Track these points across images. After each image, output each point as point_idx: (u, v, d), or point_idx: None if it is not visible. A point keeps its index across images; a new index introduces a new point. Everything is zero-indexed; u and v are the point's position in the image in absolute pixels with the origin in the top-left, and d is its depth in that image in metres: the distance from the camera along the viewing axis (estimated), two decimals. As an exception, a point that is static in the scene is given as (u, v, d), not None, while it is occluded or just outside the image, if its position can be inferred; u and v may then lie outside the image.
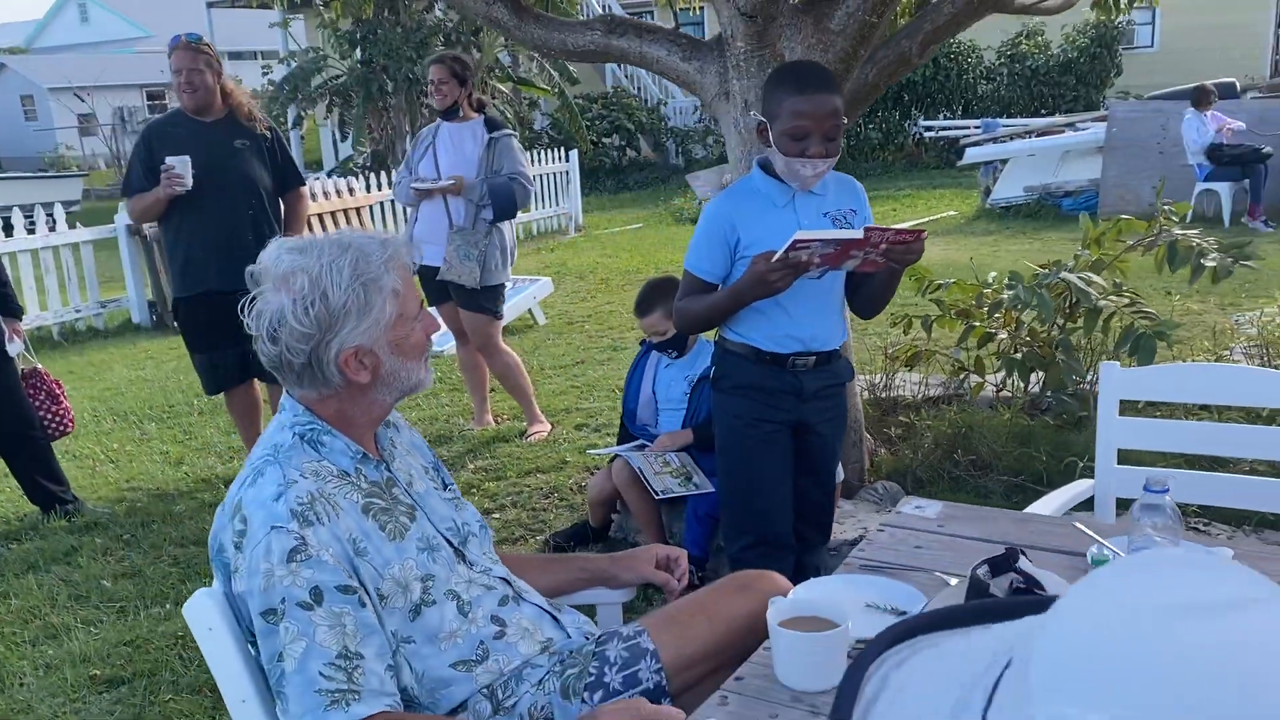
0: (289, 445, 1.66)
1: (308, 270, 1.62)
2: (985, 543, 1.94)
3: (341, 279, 1.62)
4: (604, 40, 4.09)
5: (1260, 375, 2.47)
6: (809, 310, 2.57)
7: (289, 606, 1.52)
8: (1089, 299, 3.63)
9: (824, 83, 2.45)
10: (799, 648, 1.50)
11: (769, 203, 2.55)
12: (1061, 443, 3.87)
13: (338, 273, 1.62)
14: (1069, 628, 0.58)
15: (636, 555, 2.04)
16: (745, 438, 2.64)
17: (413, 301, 1.70)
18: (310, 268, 1.62)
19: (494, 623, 1.75)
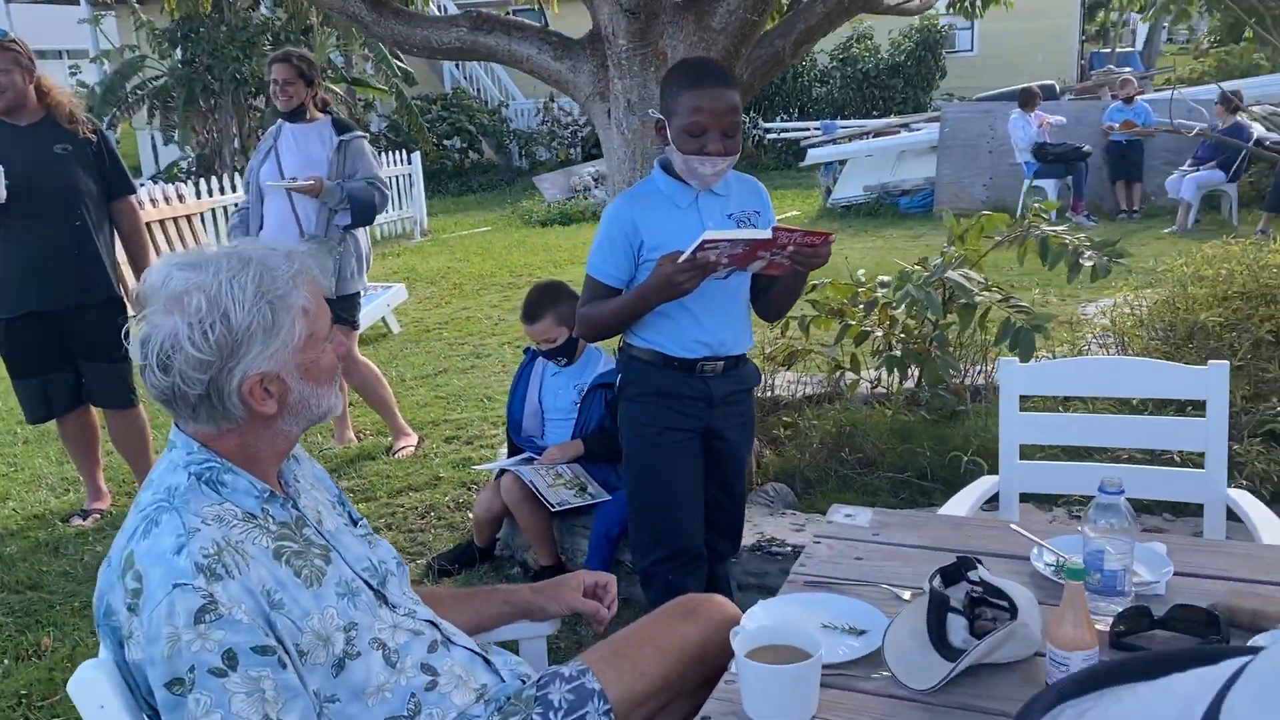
0: (185, 488, 1.46)
1: (204, 288, 1.42)
2: (926, 550, 1.90)
3: (245, 297, 1.42)
4: (470, 37, 3.92)
5: (1153, 366, 2.54)
6: (716, 314, 2.50)
7: (199, 674, 1.33)
8: (969, 295, 3.70)
9: (721, 78, 2.38)
10: (771, 681, 1.40)
11: (671, 204, 2.46)
12: (940, 437, 3.93)
13: (240, 290, 1.42)
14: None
15: (562, 583, 1.91)
16: (655, 447, 2.54)
17: (323, 320, 1.52)
18: (208, 286, 1.42)
19: (425, 672, 1.59)
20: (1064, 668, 1.40)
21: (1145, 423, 2.58)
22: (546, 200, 13.47)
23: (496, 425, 5.13)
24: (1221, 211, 10.13)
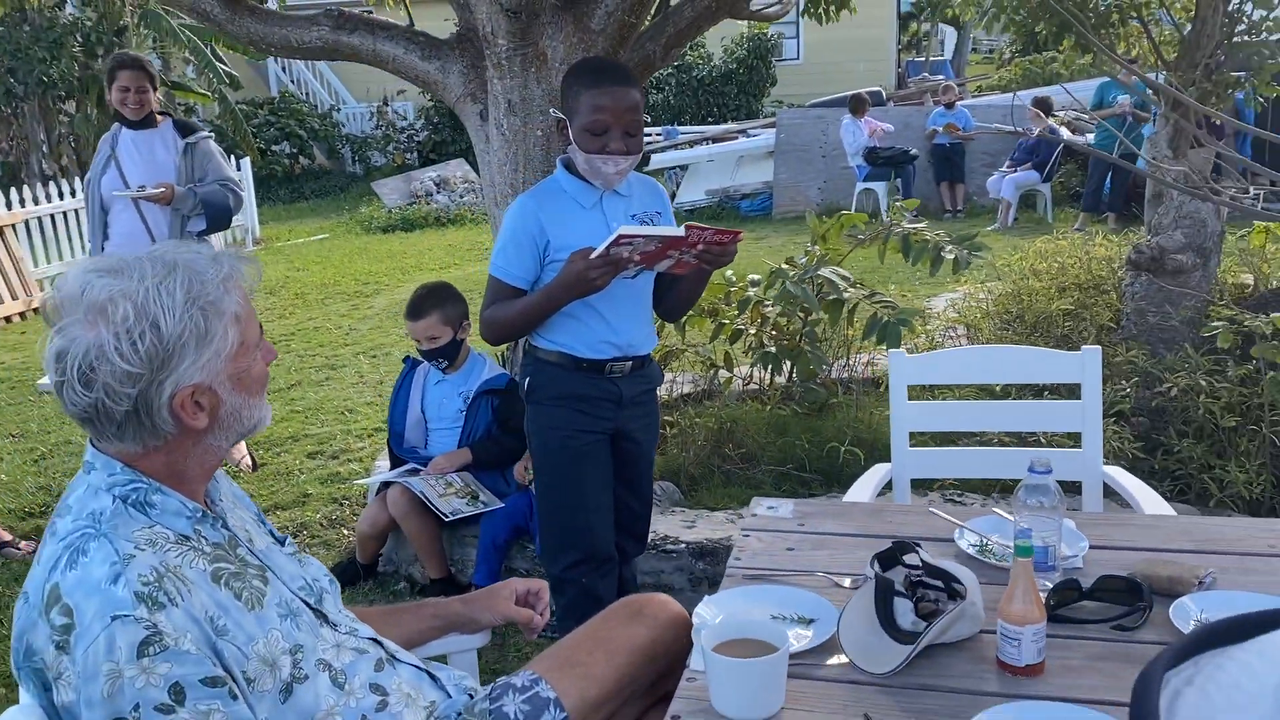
0: (111, 512, 1.34)
1: (130, 296, 1.31)
2: (853, 537, 1.95)
3: (175, 304, 1.32)
4: (332, 36, 3.79)
5: (1032, 353, 2.69)
6: (624, 314, 2.49)
7: (144, 712, 1.23)
8: (838, 291, 3.82)
9: (622, 77, 2.38)
10: (742, 675, 1.40)
11: (576, 204, 2.44)
12: (814, 429, 4.04)
13: (169, 296, 1.32)
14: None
15: (494, 593, 1.86)
16: (566, 450, 2.51)
17: (254, 327, 1.43)
18: (133, 293, 1.31)
19: (374, 692, 1.52)
20: (1015, 643, 1.46)
21: (1027, 406, 2.73)
22: (387, 206, 13.14)
23: (362, 438, 4.97)
24: (1037, 210, 10.82)
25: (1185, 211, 4.44)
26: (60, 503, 1.41)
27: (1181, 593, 1.62)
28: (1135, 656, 1.50)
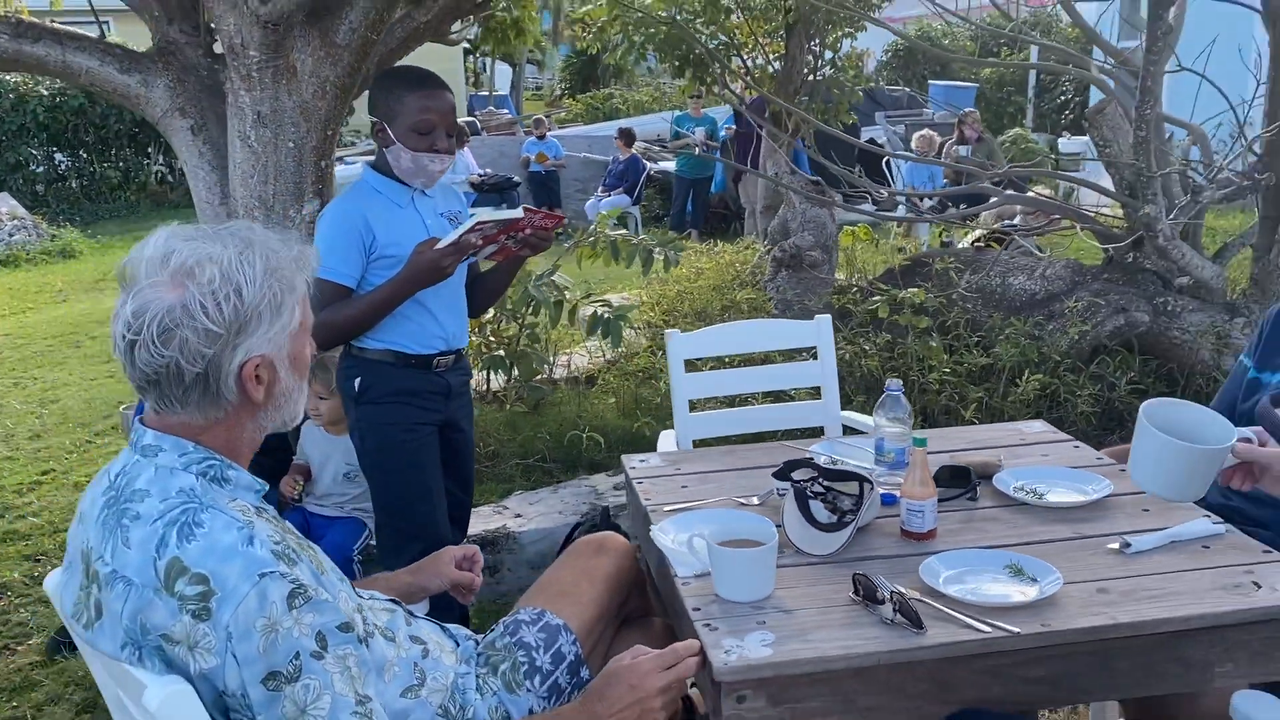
0: (199, 487, 1.35)
1: (217, 261, 1.34)
2: (730, 471, 2.30)
3: (255, 274, 1.37)
4: (12, 45, 3.50)
5: (779, 325, 3.22)
6: (447, 309, 2.64)
7: (304, 660, 1.28)
8: (561, 293, 4.16)
9: (441, 82, 2.56)
10: (746, 564, 1.71)
11: (391, 203, 2.57)
12: (540, 422, 4.35)
13: (250, 267, 1.37)
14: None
15: (438, 559, 1.97)
16: (405, 444, 2.60)
17: (310, 312, 1.49)
18: (220, 258, 1.35)
19: (415, 642, 1.62)
20: (919, 514, 1.90)
21: (780, 369, 3.24)
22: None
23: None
24: (628, 229, 11.90)
25: (809, 216, 5.32)
26: (114, 490, 1.38)
27: (992, 473, 2.16)
28: (985, 517, 2.01)
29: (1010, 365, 4.25)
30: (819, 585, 1.76)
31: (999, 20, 7.76)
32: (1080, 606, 1.64)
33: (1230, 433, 1.68)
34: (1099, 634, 1.58)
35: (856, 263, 5.73)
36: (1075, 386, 4.15)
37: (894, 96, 13.49)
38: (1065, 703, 1.70)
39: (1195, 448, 1.64)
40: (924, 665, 1.57)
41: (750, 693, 1.53)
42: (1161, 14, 3.83)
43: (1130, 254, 4.65)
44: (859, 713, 1.58)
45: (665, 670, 1.52)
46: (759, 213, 6.93)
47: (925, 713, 1.61)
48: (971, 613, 1.62)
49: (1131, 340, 4.46)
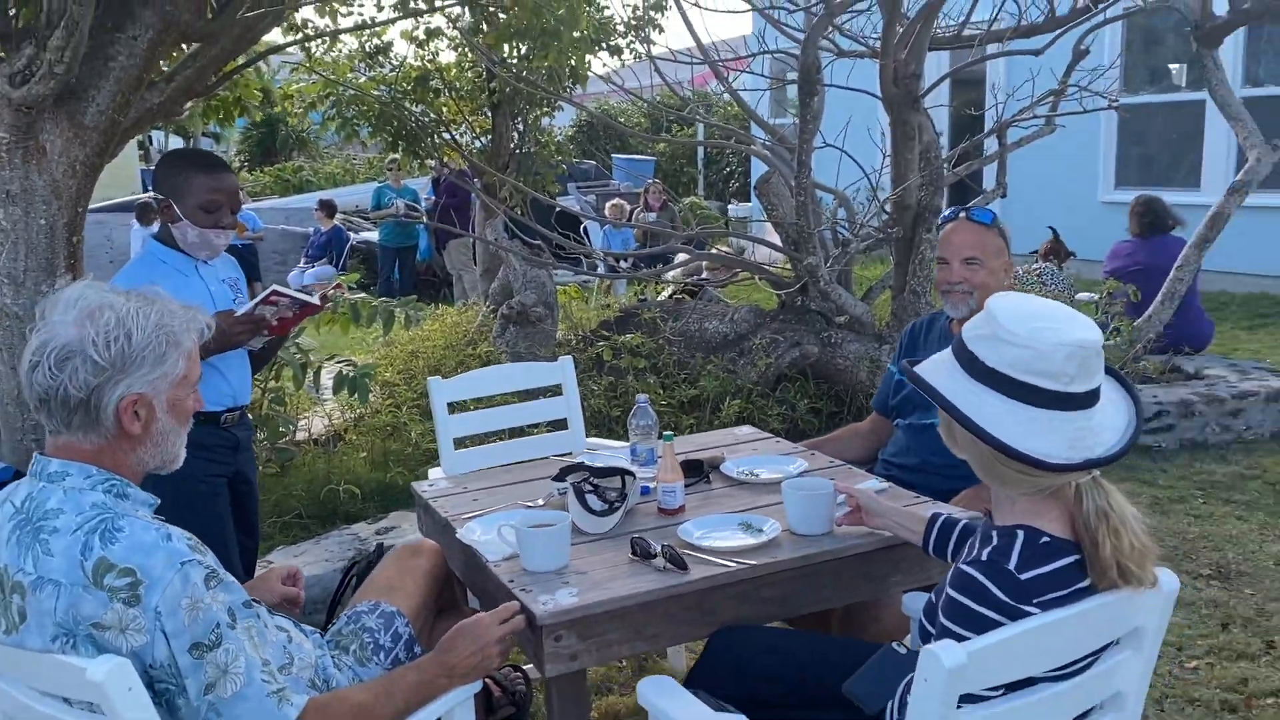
0: (108, 501, 1.63)
1: (117, 309, 1.64)
2: (513, 484, 2.72)
3: (147, 325, 1.66)
4: None
5: (527, 367, 3.68)
6: (233, 366, 2.90)
7: (222, 630, 1.58)
8: (305, 355, 4.40)
9: (225, 165, 2.87)
10: (549, 537, 2.14)
11: (178, 272, 2.81)
12: (290, 482, 4.53)
13: (144, 318, 1.66)
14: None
15: (266, 577, 2.26)
16: (200, 494, 2.81)
17: (196, 370, 1.78)
18: (120, 307, 1.64)
19: (280, 630, 1.91)
20: (673, 494, 2.42)
21: (532, 405, 3.69)
22: None
23: None
24: (335, 300, 11.93)
25: (530, 276, 5.86)
26: (22, 514, 1.61)
27: (718, 464, 2.74)
28: (719, 494, 2.56)
29: (714, 395, 4.96)
30: (604, 554, 2.23)
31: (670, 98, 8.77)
32: (795, 543, 2.21)
33: (829, 485, 2.33)
34: (808, 560, 2.16)
35: (573, 318, 6.31)
36: (766, 409, 4.92)
37: (583, 169, 14.48)
38: (793, 614, 2.25)
39: (810, 494, 2.27)
40: (691, 596, 2.07)
41: (564, 632, 1.96)
42: (808, 101, 4.73)
43: (799, 298, 5.54)
44: (646, 639, 2.06)
45: (500, 625, 1.92)
46: (480, 276, 7.39)
47: (695, 633, 2.11)
48: (720, 556, 2.15)
49: (806, 368, 5.32)
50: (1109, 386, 1.67)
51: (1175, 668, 3.17)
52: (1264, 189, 8.53)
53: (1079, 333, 1.61)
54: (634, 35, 6.63)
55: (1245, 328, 7.95)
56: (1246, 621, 3.43)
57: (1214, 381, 5.54)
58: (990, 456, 1.63)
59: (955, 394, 1.64)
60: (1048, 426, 1.59)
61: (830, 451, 2.95)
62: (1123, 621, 1.64)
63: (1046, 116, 5.67)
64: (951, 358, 1.71)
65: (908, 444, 2.89)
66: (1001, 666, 1.51)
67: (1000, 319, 1.64)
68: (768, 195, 5.55)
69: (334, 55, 6.65)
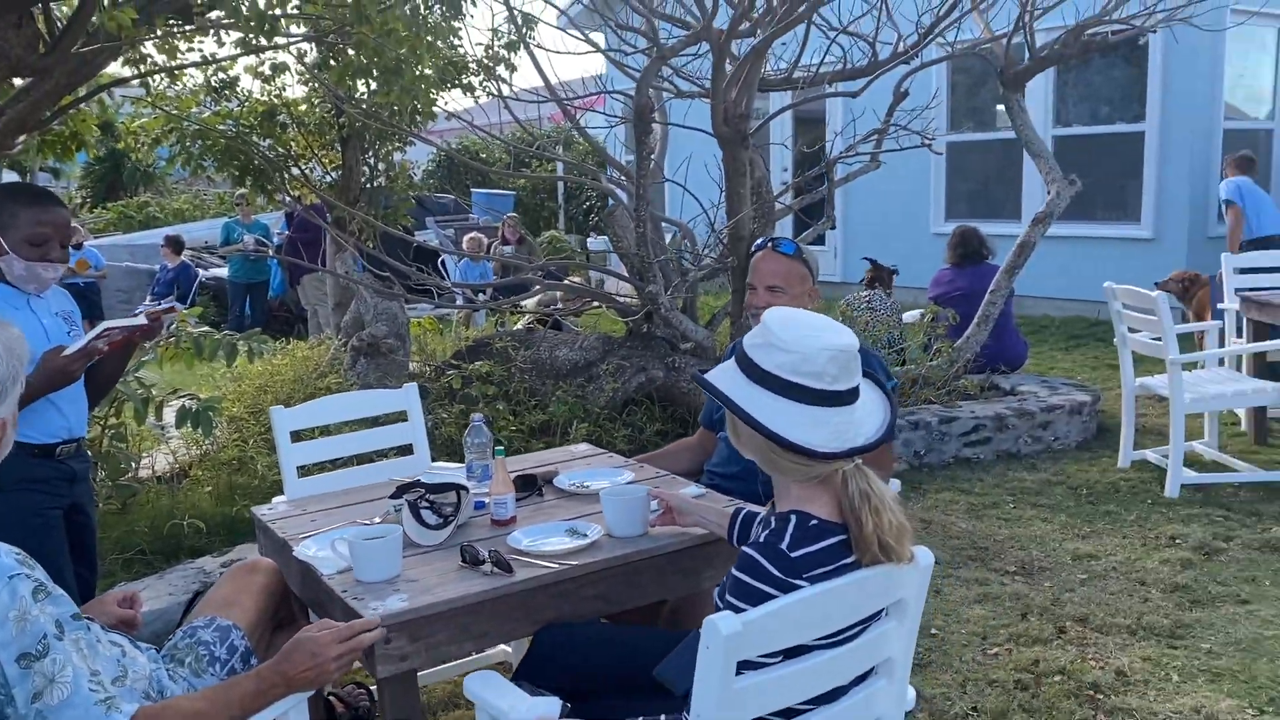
0: None
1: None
2: (350, 505, 2.81)
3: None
4: None
5: (372, 394, 3.76)
6: (68, 398, 2.91)
7: (49, 641, 1.65)
8: (148, 390, 4.37)
9: (56, 199, 2.89)
10: (380, 548, 2.26)
11: (9, 306, 2.82)
12: (133, 519, 4.48)
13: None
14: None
15: (103, 600, 2.30)
16: (35, 527, 2.80)
17: None
18: None
19: (114, 645, 1.97)
20: (504, 506, 2.56)
21: (377, 432, 3.77)
22: None
23: None
24: (185, 338, 11.62)
25: (381, 309, 5.93)
26: None
27: (552, 478, 2.89)
28: (551, 506, 2.72)
29: (563, 420, 5.12)
30: (436, 563, 2.35)
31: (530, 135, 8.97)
32: (613, 545, 2.39)
33: (643, 490, 2.52)
34: (625, 559, 2.34)
35: (428, 349, 6.39)
36: (614, 431, 5.11)
37: (442, 203, 14.52)
38: (614, 609, 2.41)
39: (625, 499, 2.46)
40: (516, 597, 2.21)
41: (395, 634, 2.08)
42: (644, 138, 4.98)
43: (645, 325, 5.77)
44: (474, 638, 2.19)
45: (341, 642, 2.01)
46: (331, 309, 7.37)
47: (521, 631, 2.26)
48: (544, 559, 2.30)
49: (653, 393, 5.54)
50: (867, 387, 1.92)
51: (979, 654, 3.47)
52: (1079, 220, 9.31)
53: (838, 339, 1.86)
54: (486, 74, 6.80)
55: (1062, 348, 8.59)
56: (1043, 610, 3.78)
57: (1026, 397, 6.01)
58: (769, 449, 1.84)
59: (738, 395, 1.86)
60: (816, 420, 1.82)
61: (661, 465, 3.14)
62: (886, 593, 1.86)
63: (871, 154, 6.09)
64: (735, 365, 1.92)
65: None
66: (775, 634, 1.71)
67: (773, 329, 1.87)
68: (613, 227, 5.78)
69: (177, 90, 6.59)
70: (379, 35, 4.01)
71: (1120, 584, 3.98)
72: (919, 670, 3.36)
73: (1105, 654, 3.43)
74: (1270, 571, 4.03)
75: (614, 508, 2.44)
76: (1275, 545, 4.27)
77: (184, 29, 4.71)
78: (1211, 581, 3.96)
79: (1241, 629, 3.57)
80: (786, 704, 1.79)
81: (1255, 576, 3.99)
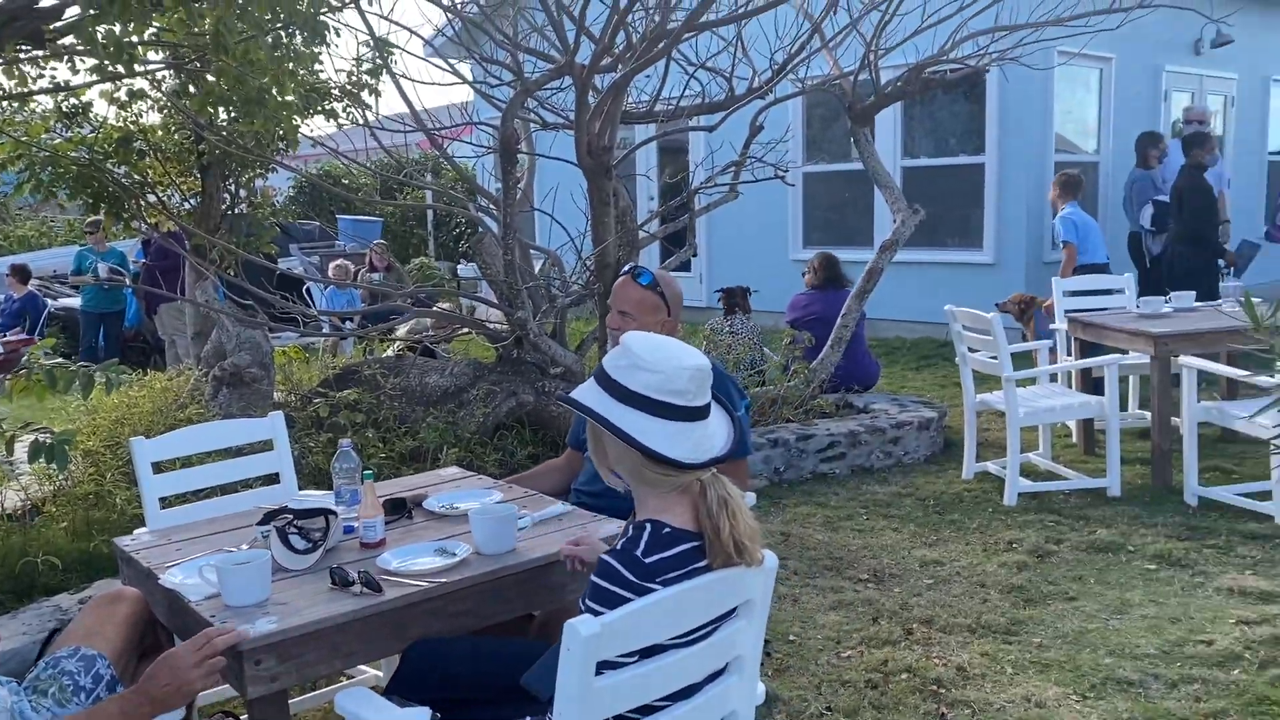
0: None
1: None
2: (217, 534, 2.82)
3: None
4: None
5: (236, 424, 3.75)
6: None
7: None
8: (-1, 425, 4.23)
9: None
10: (248, 572, 2.29)
11: None
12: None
13: None
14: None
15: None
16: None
17: None
18: None
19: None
20: (373, 529, 2.62)
21: (242, 461, 3.75)
22: None
23: None
24: (31, 371, 11.08)
25: (244, 338, 5.86)
26: None
27: (421, 500, 2.96)
28: (420, 528, 2.79)
29: (433, 446, 5.16)
30: (305, 586, 2.40)
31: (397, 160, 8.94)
32: (481, 562, 2.48)
33: (511, 508, 2.63)
34: (492, 575, 2.43)
35: (294, 378, 6.32)
36: (485, 456, 5.17)
37: (306, 230, 14.28)
38: (484, 624, 2.49)
39: (493, 518, 2.54)
40: (386, 615, 2.28)
41: (264, 656, 2.12)
42: (510, 170, 5.10)
43: (515, 351, 5.86)
44: (344, 657, 2.25)
45: (197, 652, 2.05)
46: (191, 339, 7.21)
47: (392, 648, 2.32)
48: (413, 578, 2.38)
49: (524, 417, 5.63)
50: (713, 403, 2.08)
51: (833, 657, 3.67)
52: (928, 247, 9.84)
53: (695, 359, 2.02)
54: (350, 101, 6.80)
55: (913, 368, 9.04)
56: (892, 614, 4.02)
57: (878, 414, 6.34)
58: (639, 463, 1.99)
59: (611, 414, 1.99)
60: (679, 435, 1.98)
61: (530, 485, 3.25)
62: (735, 594, 2.02)
63: (730, 185, 6.35)
64: (598, 386, 2.06)
65: (594, 473, 3.22)
66: (632, 635, 1.83)
67: (637, 351, 2.02)
68: (482, 254, 5.86)
69: (25, 115, 6.37)
70: (240, 64, 4.02)
71: (963, 587, 4.26)
72: (778, 675, 3.54)
73: (948, 652, 3.68)
74: (1095, 570, 4.38)
75: (482, 526, 2.53)
76: (1100, 546, 4.64)
77: (34, 55, 4.60)
78: (1044, 581, 4.28)
79: (1068, 623, 3.88)
80: (644, 701, 1.91)
81: (1082, 575, 4.33)
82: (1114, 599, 4.07)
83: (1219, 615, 3.87)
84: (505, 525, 2.54)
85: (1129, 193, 8.78)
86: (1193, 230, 7.81)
